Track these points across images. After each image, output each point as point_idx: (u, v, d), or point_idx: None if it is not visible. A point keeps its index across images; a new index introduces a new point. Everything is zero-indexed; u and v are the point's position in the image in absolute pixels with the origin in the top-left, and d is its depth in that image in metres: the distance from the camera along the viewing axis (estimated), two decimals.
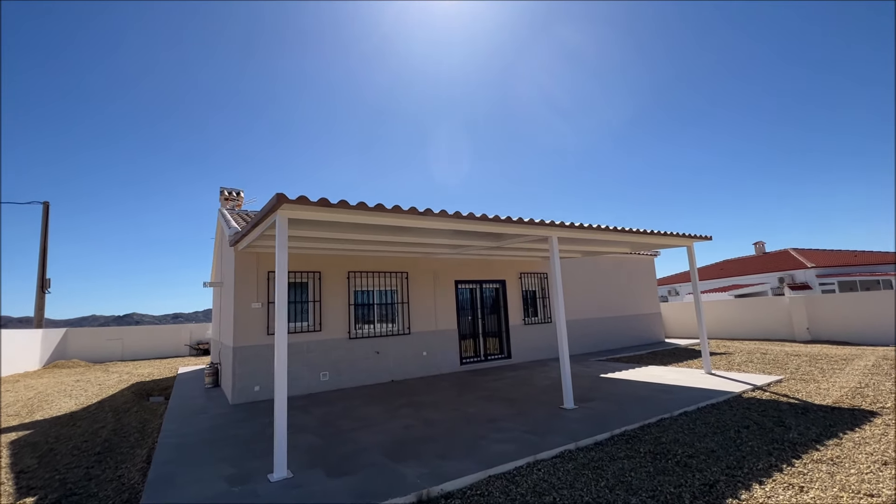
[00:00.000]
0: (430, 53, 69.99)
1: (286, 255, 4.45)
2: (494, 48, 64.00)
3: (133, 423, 7.20)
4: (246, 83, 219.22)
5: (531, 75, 74.24)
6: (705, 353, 8.65)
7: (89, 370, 16.66)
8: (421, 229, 6.46)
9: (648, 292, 15.50)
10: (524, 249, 9.98)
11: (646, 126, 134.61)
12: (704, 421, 5.46)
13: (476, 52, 68.04)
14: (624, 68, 64.50)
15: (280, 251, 4.44)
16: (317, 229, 6.06)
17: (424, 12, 45.32)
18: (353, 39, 78.13)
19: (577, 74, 63.45)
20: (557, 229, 6.67)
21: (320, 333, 8.90)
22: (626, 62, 58.82)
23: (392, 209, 4.87)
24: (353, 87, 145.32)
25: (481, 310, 11.49)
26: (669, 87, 70.02)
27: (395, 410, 6.78)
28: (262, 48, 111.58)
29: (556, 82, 67.25)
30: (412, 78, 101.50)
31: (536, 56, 57.92)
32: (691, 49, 50.44)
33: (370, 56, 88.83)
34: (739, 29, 46.56)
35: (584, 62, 62.35)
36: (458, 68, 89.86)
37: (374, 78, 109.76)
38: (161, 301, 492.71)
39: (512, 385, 8.39)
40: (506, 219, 5.86)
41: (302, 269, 8.93)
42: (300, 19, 72.72)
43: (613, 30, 44.67)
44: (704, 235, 8.71)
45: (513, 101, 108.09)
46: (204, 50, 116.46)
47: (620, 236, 7.68)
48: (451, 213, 5.35)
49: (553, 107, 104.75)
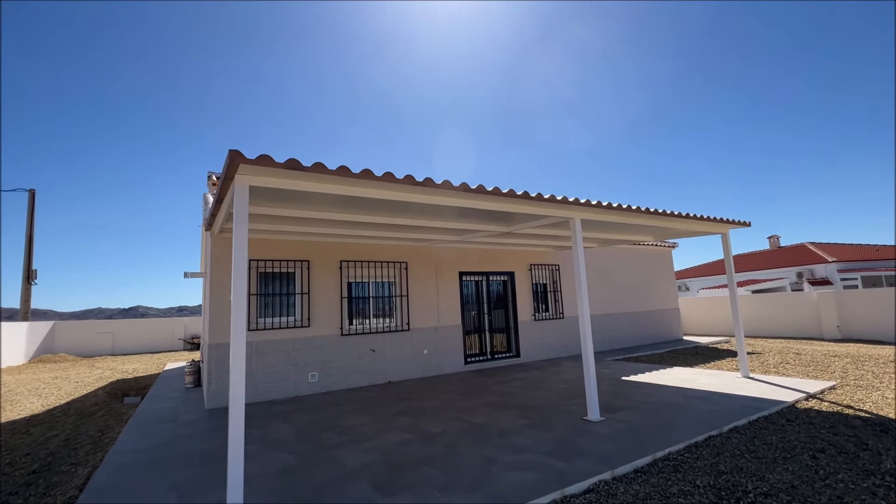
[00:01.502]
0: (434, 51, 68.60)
1: (245, 233, 3.48)
2: (502, 46, 62.39)
3: (91, 432, 6.30)
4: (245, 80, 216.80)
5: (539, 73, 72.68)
6: (742, 354, 7.65)
7: (74, 365, 15.84)
8: (421, 207, 5.48)
9: (666, 286, 14.48)
10: (536, 237, 8.98)
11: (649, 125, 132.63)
12: (765, 440, 4.48)
13: (482, 49, 66.51)
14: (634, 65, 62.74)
15: (238, 227, 3.47)
16: (292, 205, 5.09)
17: (428, 9, 44.05)
18: (355, 36, 76.85)
19: (587, 72, 61.93)
20: (582, 209, 5.67)
21: (308, 329, 7.96)
22: (637, 59, 57.12)
23: (383, 177, 3.89)
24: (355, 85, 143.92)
25: (487, 304, 10.52)
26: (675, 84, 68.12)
27: (389, 419, 5.83)
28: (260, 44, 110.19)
29: (565, 80, 65.54)
30: (417, 75, 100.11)
31: (544, 53, 56.46)
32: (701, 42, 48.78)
33: (372, 54, 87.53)
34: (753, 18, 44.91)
35: (594, 59, 60.80)
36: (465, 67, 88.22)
37: (378, 76, 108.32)
38: (168, 293, 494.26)
39: (523, 388, 7.43)
40: (522, 194, 4.86)
41: (287, 256, 7.98)
42: (300, 15, 71.56)
43: (624, 26, 43.16)
44: (742, 221, 7.68)
45: (521, 99, 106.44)
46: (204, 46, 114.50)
47: (651, 219, 6.67)
48: (457, 185, 4.37)
49: (561, 104, 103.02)
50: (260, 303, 7.70)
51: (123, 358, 18.26)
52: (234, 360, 3.36)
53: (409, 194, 4.43)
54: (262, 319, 7.67)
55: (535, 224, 6.61)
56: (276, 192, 4.47)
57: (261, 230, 7.02)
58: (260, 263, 7.71)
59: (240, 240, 3.46)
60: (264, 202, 4.97)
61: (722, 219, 7.30)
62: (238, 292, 3.44)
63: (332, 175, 3.69)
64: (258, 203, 5.02)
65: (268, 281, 7.86)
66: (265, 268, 7.78)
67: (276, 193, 4.50)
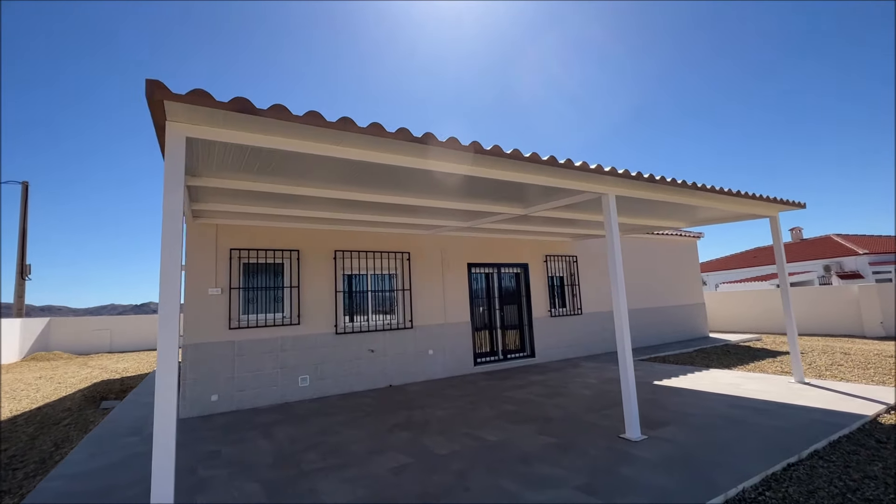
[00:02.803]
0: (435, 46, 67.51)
1: (179, 204, 2.57)
2: (500, 42, 61.05)
3: (46, 446, 5.47)
4: (245, 74, 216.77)
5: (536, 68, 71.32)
6: (795, 356, 6.62)
7: (65, 364, 15.18)
8: (423, 179, 4.53)
9: (691, 280, 13.40)
10: (553, 223, 8.00)
11: (648, 120, 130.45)
12: (863, 471, 3.49)
13: (481, 45, 65.38)
14: (631, 60, 60.74)
15: (171, 195, 2.55)
16: (269, 178, 4.17)
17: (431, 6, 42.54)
18: (358, 29, 76.06)
19: (585, 70, 60.57)
20: (619, 182, 4.69)
21: (299, 327, 7.07)
22: (633, 54, 55.53)
23: (368, 129, 2.95)
24: (355, 78, 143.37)
25: (499, 299, 9.57)
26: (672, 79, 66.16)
27: (386, 435, 4.92)
28: (258, 38, 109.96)
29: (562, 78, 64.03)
30: (417, 68, 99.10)
31: (541, 49, 55.32)
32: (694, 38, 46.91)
33: (374, 48, 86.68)
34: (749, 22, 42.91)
35: (591, 55, 59.49)
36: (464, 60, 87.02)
37: (378, 69, 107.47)
38: None
39: (542, 395, 6.48)
40: (548, 160, 3.89)
41: (274, 245, 7.08)
42: (300, 11, 70.80)
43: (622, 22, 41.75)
44: (795, 201, 6.63)
45: (517, 95, 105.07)
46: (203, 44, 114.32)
47: (696, 198, 5.67)
48: (466, 144, 3.41)
49: (559, 97, 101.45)
50: (243, 297, 6.82)
51: (119, 356, 17.60)
52: (161, 362, 2.45)
53: (405, 157, 3.48)
54: (245, 316, 6.79)
55: (556, 204, 5.63)
56: (237, 155, 3.55)
57: (239, 213, 6.13)
58: (242, 253, 6.83)
59: (172, 211, 2.54)
60: (231, 173, 4.06)
61: (774, 198, 6.26)
62: (168, 278, 2.53)
63: (300, 124, 2.75)
64: (224, 175, 4.11)
65: (252, 273, 6.98)
66: (249, 258, 6.90)
67: (238, 156, 3.58)
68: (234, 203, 5.41)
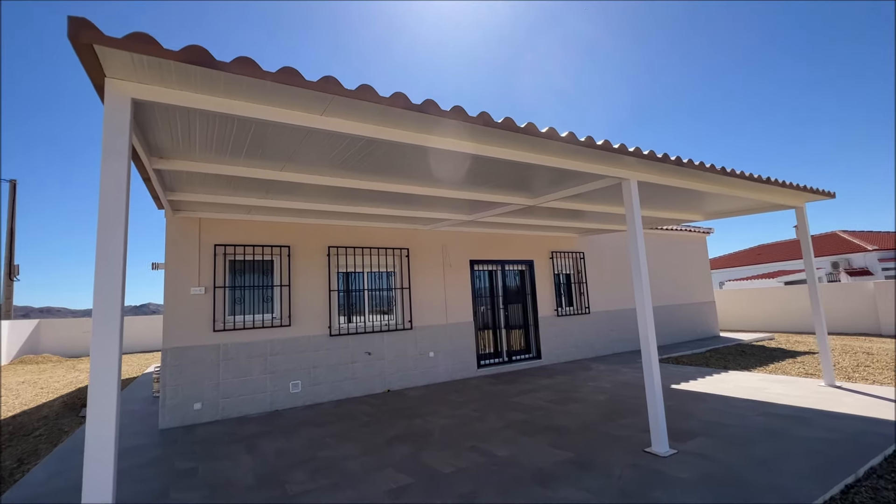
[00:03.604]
0: (436, 44, 66.92)
1: (123, 184, 2.07)
2: (500, 40, 60.48)
3: (9, 462, 4.97)
4: None
5: (534, 68, 70.88)
6: (826, 357, 6.14)
7: (53, 367, 14.67)
8: (419, 158, 4.04)
9: (701, 277, 12.91)
10: (561, 215, 7.52)
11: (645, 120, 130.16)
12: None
13: (482, 44, 64.87)
14: (630, 59, 60.23)
15: (111, 167, 2.06)
16: (230, 157, 3.67)
17: (429, 6, 41.93)
18: (359, 25, 75.50)
19: (584, 67, 60.10)
20: (643, 165, 4.19)
21: (290, 329, 6.58)
22: (632, 53, 55.09)
23: (357, 92, 2.45)
24: (355, 77, 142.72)
25: (503, 298, 9.07)
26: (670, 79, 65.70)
27: (384, 448, 4.43)
28: (255, 32, 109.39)
29: (562, 74, 63.55)
30: (418, 65, 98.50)
31: (541, 49, 54.79)
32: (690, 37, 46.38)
33: (372, 48, 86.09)
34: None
35: (592, 54, 58.99)
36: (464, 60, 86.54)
37: (376, 68, 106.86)
38: None
39: (553, 401, 5.99)
40: (567, 136, 3.39)
41: (264, 242, 6.58)
42: (298, 10, 70.25)
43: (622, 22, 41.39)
44: (824, 190, 6.14)
45: (517, 93, 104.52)
46: None
47: (721, 183, 5.20)
48: (474, 115, 2.91)
49: (558, 97, 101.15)
50: (229, 297, 6.33)
51: None
52: (95, 361, 1.96)
53: (402, 131, 2.99)
54: (231, 317, 6.29)
55: (569, 192, 5.14)
56: (207, 128, 3.05)
57: (222, 205, 5.63)
58: (228, 249, 6.33)
59: (111, 195, 2.04)
60: (204, 154, 3.56)
61: (804, 186, 5.77)
62: (106, 267, 2.03)
63: (273, 83, 2.25)
64: (196, 157, 3.61)
65: (239, 271, 6.48)
66: (235, 254, 6.40)
67: (207, 130, 3.08)
68: (215, 192, 4.91)
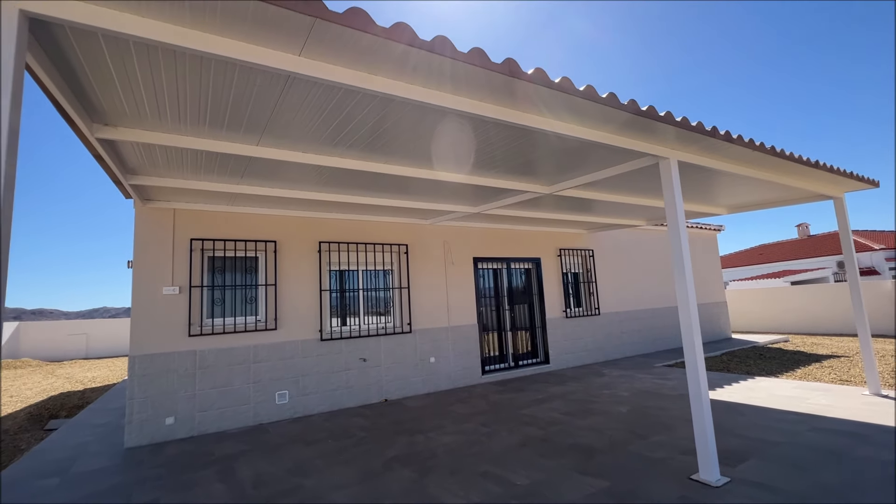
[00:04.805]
0: None
1: (11, 121, 1.42)
2: (497, 39, 59.92)
3: None
4: None
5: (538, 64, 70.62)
6: (870, 363, 5.56)
7: (31, 373, 13.89)
8: (416, 129, 3.41)
9: (712, 276, 12.35)
10: (569, 209, 6.91)
11: None
12: None
13: (479, 43, 64.36)
14: (631, 58, 59.98)
15: None
16: (187, 124, 3.02)
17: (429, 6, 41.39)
18: None
19: (582, 64, 59.82)
20: (687, 140, 3.57)
21: (276, 333, 5.92)
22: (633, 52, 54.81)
23: (345, 16, 1.81)
24: None
25: (509, 298, 8.45)
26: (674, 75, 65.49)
27: (381, 474, 3.78)
28: None
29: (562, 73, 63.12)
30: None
31: (538, 51, 54.32)
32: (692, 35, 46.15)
33: None
34: None
35: (592, 53, 58.66)
36: None
37: None
38: None
39: (569, 413, 5.37)
40: (586, 91, 2.77)
41: (248, 236, 5.92)
42: None
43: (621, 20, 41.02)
44: (868, 178, 5.56)
45: None
46: None
47: (768, 168, 4.61)
48: (499, 62, 2.28)
49: None
50: (207, 298, 5.66)
51: (93, 362, 16.32)
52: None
53: (393, 81, 2.35)
54: (210, 321, 5.63)
55: (592, 178, 4.53)
56: (149, 73, 2.40)
57: (197, 192, 4.97)
58: (207, 245, 5.66)
59: None
60: (156, 121, 2.91)
61: (848, 172, 5.18)
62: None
63: None
64: (146, 124, 2.96)
65: (219, 269, 5.81)
66: (215, 250, 5.73)
67: (152, 80, 2.44)
68: (182, 176, 4.26)
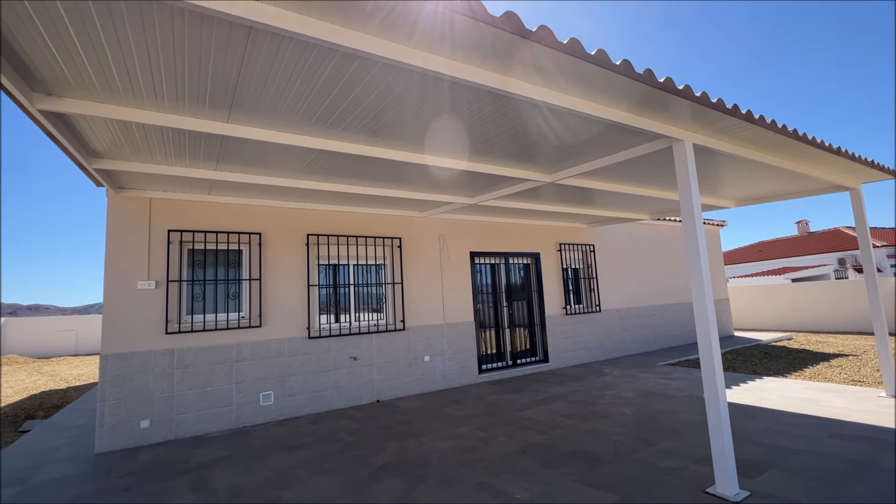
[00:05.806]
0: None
1: None
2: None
3: None
4: None
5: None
6: (887, 364, 5.27)
7: (15, 370, 13.52)
8: (409, 98, 3.08)
9: (714, 273, 12.06)
10: (570, 201, 6.59)
11: None
12: None
13: None
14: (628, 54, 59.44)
15: None
16: (143, 97, 2.68)
17: None
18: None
19: None
20: (701, 121, 3.26)
21: (260, 331, 5.59)
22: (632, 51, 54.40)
23: None
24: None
25: (506, 294, 8.13)
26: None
27: (368, 485, 3.47)
28: None
29: None
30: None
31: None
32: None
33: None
34: None
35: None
36: None
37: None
38: None
39: (571, 416, 5.06)
40: (597, 54, 2.44)
41: (230, 228, 5.58)
42: None
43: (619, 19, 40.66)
44: (887, 167, 5.25)
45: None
46: None
47: (788, 154, 4.30)
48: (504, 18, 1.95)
49: None
50: (187, 293, 5.32)
51: (81, 359, 15.95)
52: None
53: (370, 37, 2.02)
54: (189, 317, 5.29)
55: (599, 164, 4.21)
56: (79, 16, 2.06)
57: (173, 178, 4.62)
58: (186, 236, 5.31)
59: None
60: (107, 95, 2.56)
61: (869, 161, 4.87)
62: None
63: None
64: (98, 94, 2.62)
65: (199, 262, 5.47)
66: (195, 243, 5.39)
67: (83, 26, 2.09)
68: (150, 160, 3.91)
